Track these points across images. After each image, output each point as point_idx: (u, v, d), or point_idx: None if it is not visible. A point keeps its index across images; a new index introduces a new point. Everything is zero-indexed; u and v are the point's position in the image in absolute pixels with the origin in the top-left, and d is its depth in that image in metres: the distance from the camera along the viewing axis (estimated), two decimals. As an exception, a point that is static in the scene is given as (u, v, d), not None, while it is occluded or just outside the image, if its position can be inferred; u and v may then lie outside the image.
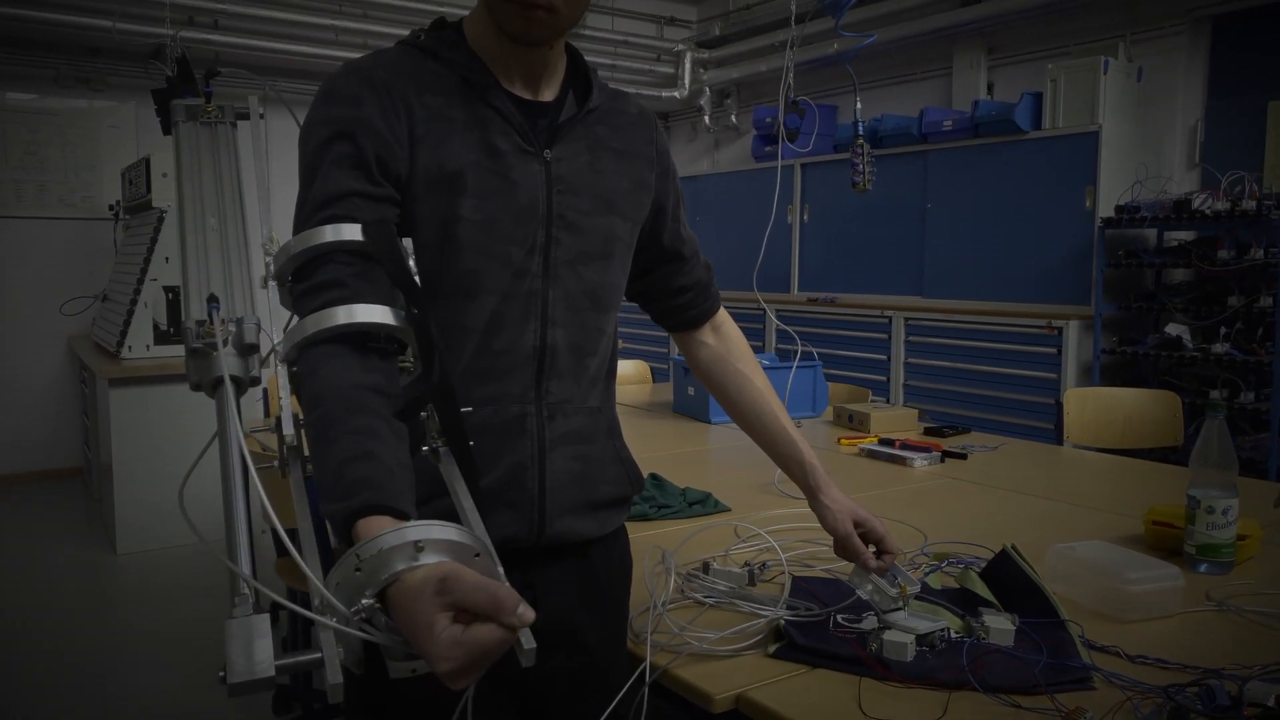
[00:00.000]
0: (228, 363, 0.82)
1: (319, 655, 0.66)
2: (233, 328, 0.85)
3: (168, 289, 4.32)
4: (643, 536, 1.70)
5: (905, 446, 2.38)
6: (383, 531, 0.71)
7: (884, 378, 5.03)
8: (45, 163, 5.46)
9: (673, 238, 1.27)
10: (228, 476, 0.80)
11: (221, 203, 0.97)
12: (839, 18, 2.17)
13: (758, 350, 5.17)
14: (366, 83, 1.01)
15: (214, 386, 0.84)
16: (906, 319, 4.94)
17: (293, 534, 0.75)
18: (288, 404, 0.90)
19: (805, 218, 5.70)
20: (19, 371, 5.50)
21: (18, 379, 5.50)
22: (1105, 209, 4.20)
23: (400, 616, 0.69)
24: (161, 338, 4.36)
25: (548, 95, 1.10)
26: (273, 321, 0.96)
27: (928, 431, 2.69)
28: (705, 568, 1.44)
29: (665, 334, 1.40)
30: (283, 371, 0.90)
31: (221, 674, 0.63)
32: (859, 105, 2.36)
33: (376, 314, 0.89)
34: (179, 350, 4.34)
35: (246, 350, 0.86)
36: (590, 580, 1.17)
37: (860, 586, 1.23)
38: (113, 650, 3.26)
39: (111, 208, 5.40)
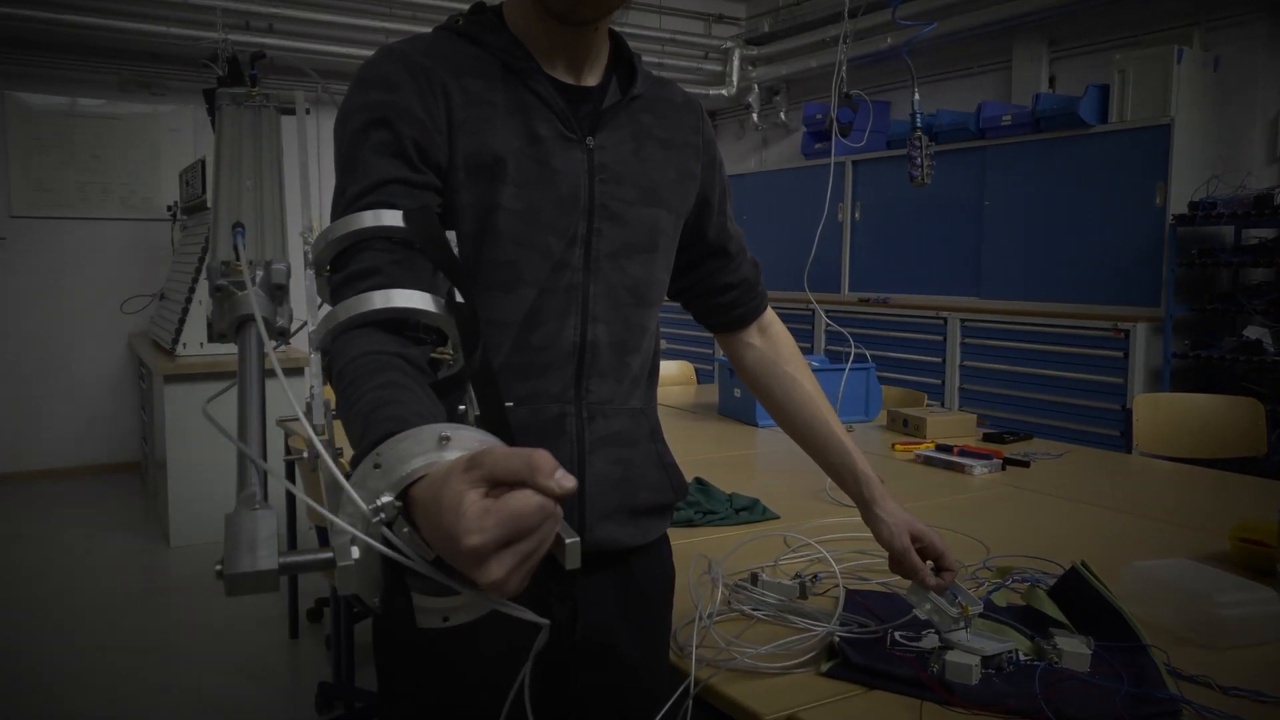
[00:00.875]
0: (256, 302, 0.73)
1: (329, 555, 0.56)
2: (260, 271, 0.79)
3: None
4: (687, 544, 1.65)
5: (964, 453, 2.29)
6: (405, 430, 0.62)
7: (938, 381, 4.90)
8: (109, 165, 5.57)
9: (718, 232, 1.21)
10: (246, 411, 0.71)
11: (260, 169, 0.93)
12: (896, 6, 2.09)
13: (807, 352, 5.09)
14: (404, 67, 0.97)
15: (238, 330, 0.74)
16: (962, 320, 4.81)
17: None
18: (319, 391, 0.86)
19: (856, 216, 5.59)
20: (81, 367, 5.62)
21: (80, 375, 5.62)
22: (1177, 205, 4.03)
23: (426, 514, 0.57)
24: (215, 335, 4.40)
25: (591, 80, 1.05)
26: (309, 308, 0.91)
27: (987, 438, 2.60)
28: (753, 579, 1.38)
29: (710, 333, 1.33)
30: (316, 358, 0.86)
31: (218, 567, 0.54)
32: (916, 97, 2.27)
33: (415, 300, 0.84)
34: (232, 348, 4.38)
35: (276, 293, 0.79)
36: (631, 591, 1.12)
37: (918, 605, 1.15)
38: (163, 641, 3.29)
39: (169, 208, 5.49)
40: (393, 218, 0.88)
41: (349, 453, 0.70)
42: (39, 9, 4.80)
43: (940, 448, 2.37)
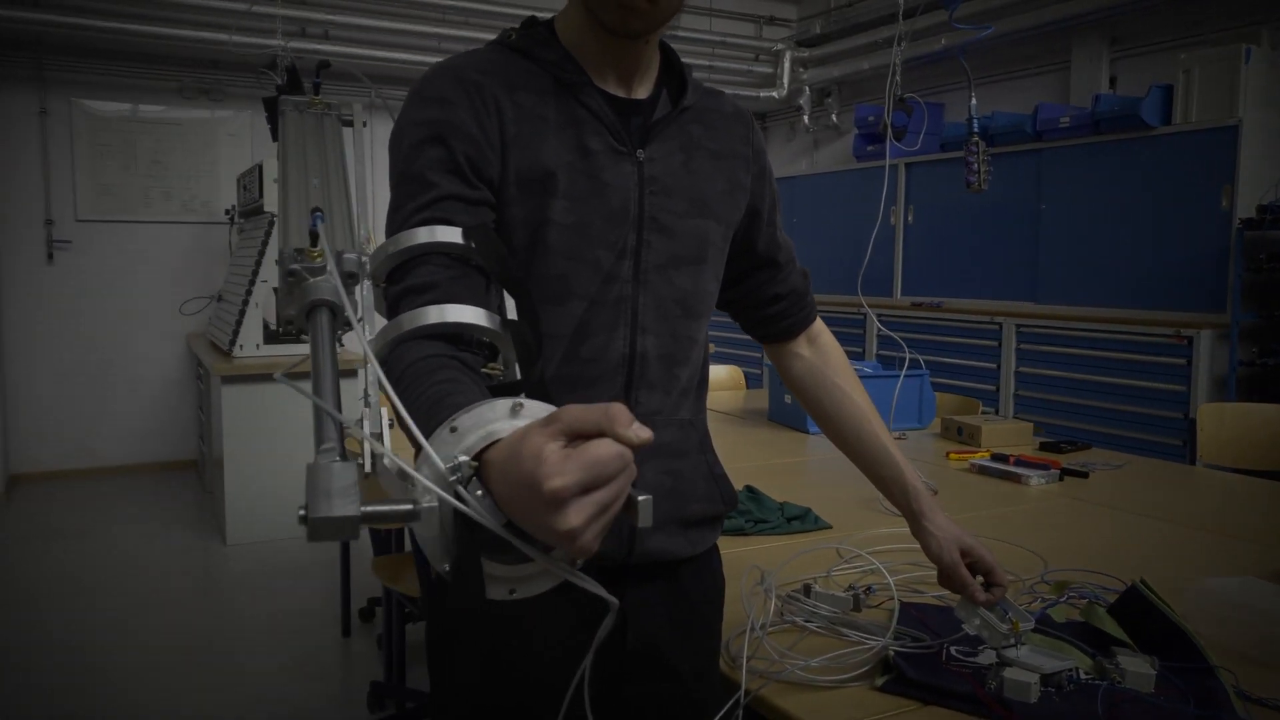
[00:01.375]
0: (329, 288, 0.72)
1: (409, 507, 0.57)
2: (332, 260, 0.77)
3: (277, 290, 4.44)
4: (739, 553, 1.64)
5: (1020, 463, 2.24)
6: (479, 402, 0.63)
7: (992, 387, 4.82)
8: (169, 170, 5.70)
9: (768, 243, 1.20)
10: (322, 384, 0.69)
11: (325, 169, 0.93)
12: (953, 9, 2.06)
13: (858, 358, 5.01)
14: (457, 83, 0.98)
15: (309, 315, 0.73)
16: (1018, 325, 4.72)
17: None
18: (376, 400, 0.87)
19: (909, 219, 5.52)
20: (142, 367, 5.76)
21: (140, 374, 5.76)
22: (1245, 209, 3.92)
23: (503, 471, 0.57)
24: (271, 337, 4.49)
25: (641, 93, 1.06)
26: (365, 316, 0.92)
27: (1044, 447, 2.54)
28: (806, 590, 1.36)
29: (747, 342, 1.32)
30: (373, 367, 0.87)
31: (301, 511, 0.54)
32: (974, 101, 2.23)
33: (468, 315, 0.84)
34: (287, 349, 4.47)
35: (347, 281, 0.78)
36: (681, 602, 1.11)
37: (967, 621, 1.13)
38: (218, 637, 3.35)
39: (227, 212, 5.61)
40: (451, 234, 0.89)
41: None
42: (107, 19, 4.94)
43: (996, 457, 2.33)
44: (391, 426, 0.81)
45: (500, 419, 0.61)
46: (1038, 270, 4.78)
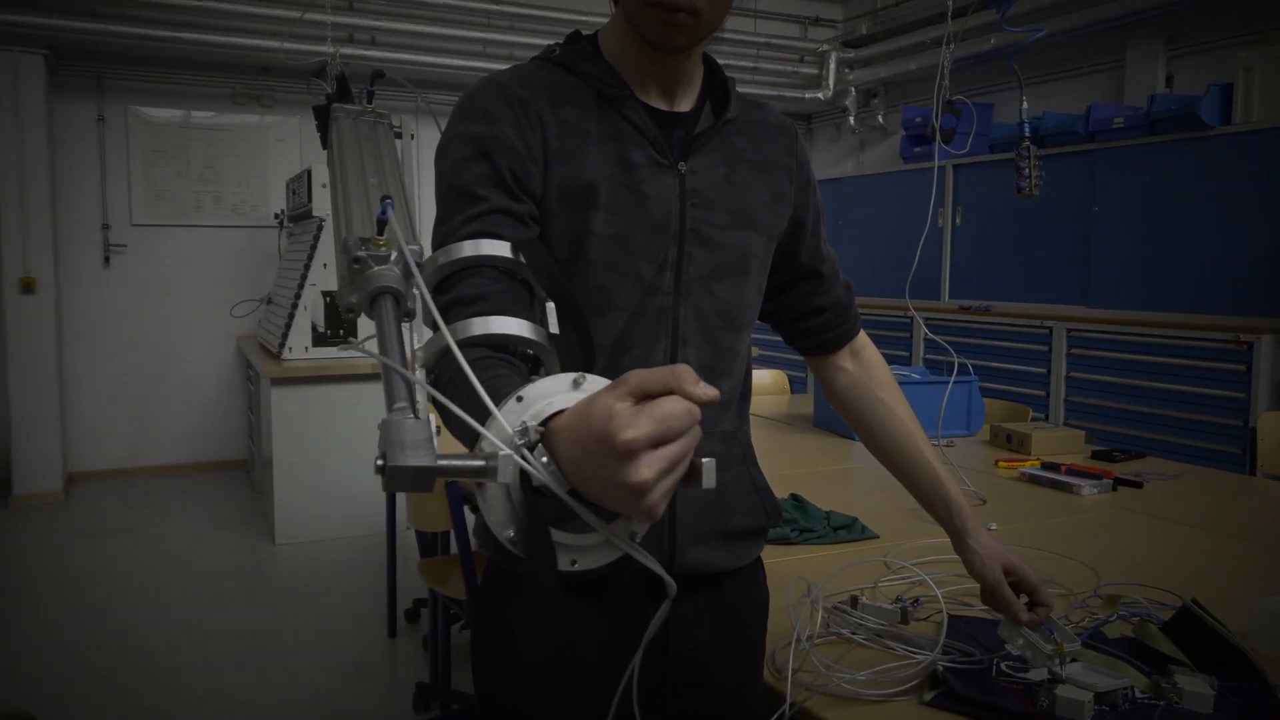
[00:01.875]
0: (393, 276, 0.72)
1: (482, 463, 0.58)
2: (395, 251, 0.77)
3: (325, 293, 4.51)
4: (784, 563, 1.62)
5: (1072, 472, 2.20)
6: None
7: (1042, 393, 4.74)
8: (220, 175, 5.81)
9: (811, 254, 1.20)
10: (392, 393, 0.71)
11: (381, 170, 0.94)
12: (1004, 10, 2.02)
13: (905, 363, 4.95)
14: (502, 98, 0.99)
15: (372, 302, 0.74)
16: (1069, 330, 4.63)
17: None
18: (424, 405, 0.87)
19: (957, 221, 5.44)
20: (193, 368, 5.88)
21: (192, 376, 5.88)
22: (1307, 211, 3.81)
23: (572, 433, 0.58)
24: (319, 340, 4.55)
25: (684, 106, 1.06)
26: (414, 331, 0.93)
27: (1096, 455, 2.49)
28: (853, 602, 1.35)
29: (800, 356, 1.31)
30: (421, 374, 0.88)
31: (379, 460, 0.55)
32: (1025, 105, 2.19)
33: (514, 326, 0.85)
34: (336, 352, 4.54)
35: (407, 272, 0.78)
36: (724, 615, 1.11)
37: (1011, 640, 1.11)
38: (266, 636, 3.41)
39: (276, 216, 5.71)
40: (500, 247, 0.90)
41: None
42: (162, 28, 5.06)
43: (1046, 465, 2.28)
44: (439, 433, 0.81)
45: (564, 390, 0.62)
46: (1090, 273, 4.69)
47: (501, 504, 0.59)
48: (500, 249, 0.90)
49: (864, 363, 1.27)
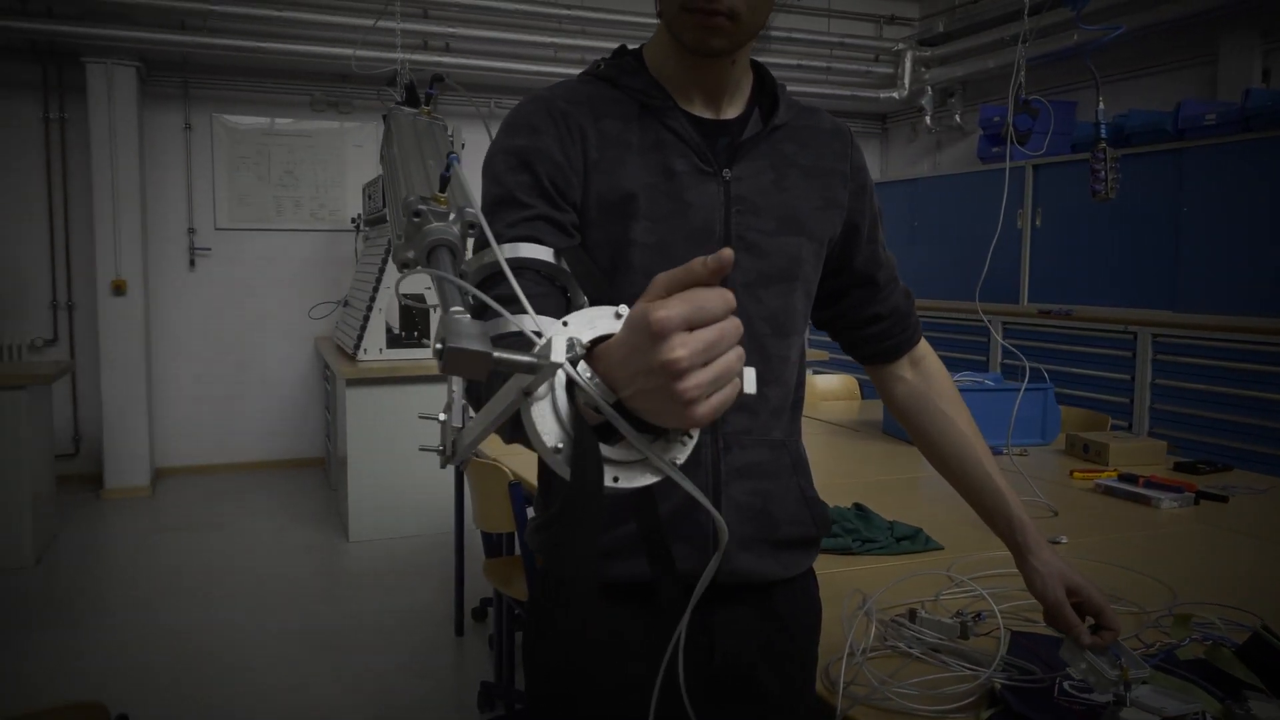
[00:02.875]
0: (451, 232, 0.74)
1: (534, 359, 0.60)
2: (454, 213, 0.79)
3: (402, 296, 4.60)
4: (844, 573, 1.59)
5: (1150, 484, 2.11)
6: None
7: (1126, 400, 4.57)
8: (300, 180, 5.98)
9: (867, 260, 1.17)
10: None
11: (439, 156, 0.96)
12: (1079, 8, 1.95)
13: (981, 368, 4.80)
14: (545, 113, 1.01)
15: (429, 255, 0.75)
16: (1155, 335, 4.46)
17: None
18: (458, 394, 0.89)
19: (1037, 222, 5.29)
20: (273, 369, 6.05)
21: (272, 375, 6.06)
22: None
23: (614, 345, 0.59)
24: (394, 341, 4.64)
25: (731, 113, 1.06)
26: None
27: (1178, 467, 2.39)
28: (912, 615, 1.31)
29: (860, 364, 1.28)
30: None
31: (438, 345, 0.57)
32: (1101, 106, 2.12)
33: (545, 324, 0.86)
34: (410, 354, 4.62)
35: (465, 229, 0.79)
36: (773, 626, 1.09)
37: (1073, 663, 1.06)
38: (338, 631, 3.48)
39: (353, 220, 5.84)
40: (544, 252, 0.91)
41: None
42: (246, 39, 5.23)
43: (1124, 477, 2.20)
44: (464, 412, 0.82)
45: (607, 318, 0.63)
46: (1177, 277, 4.50)
47: (549, 417, 0.60)
48: (543, 253, 0.92)
49: (925, 372, 1.23)
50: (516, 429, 0.67)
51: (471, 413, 0.82)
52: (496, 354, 0.59)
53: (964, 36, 6.28)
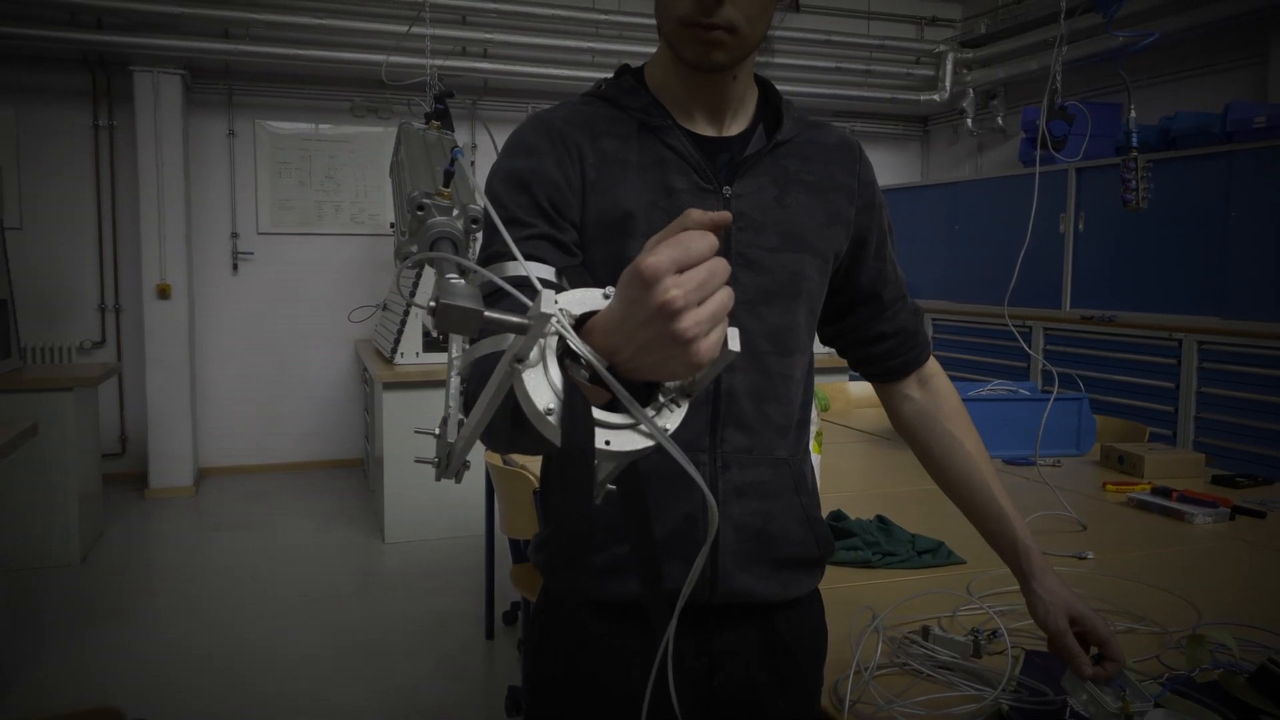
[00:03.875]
0: (454, 227, 0.76)
1: (526, 322, 0.60)
2: (457, 209, 0.79)
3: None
4: (861, 587, 1.58)
5: (1184, 498, 2.05)
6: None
7: (1170, 408, 4.46)
8: (341, 185, 6.06)
9: (873, 277, 1.15)
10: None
11: (445, 159, 0.97)
12: (1110, 16, 1.90)
13: (1021, 376, 4.70)
14: (544, 134, 1.01)
15: (431, 248, 0.76)
16: (1200, 343, 4.35)
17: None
18: (455, 407, 0.89)
19: (1080, 227, 5.18)
20: (314, 371, 6.14)
21: (312, 378, 6.14)
22: None
23: (607, 315, 0.62)
24: (430, 345, 4.68)
25: (734, 129, 1.05)
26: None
27: (1215, 480, 2.33)
28: (925, 633, 1.29)
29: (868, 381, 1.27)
30: (455, 382, 0.89)
31: (432, 303, 0.60)
32: (1133, 114, 2.08)
33: (546, 271, 0.90)
34: (446, 358, 4.65)
35: (469, 225, 0.80)
36: (776, 649, 1.07)
37: (1074, 694, 1.04)
38: (370, 631, 3.52)
39: (392, 225, 5.90)
40: (544, 270, 0.91)
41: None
42: (287, 46, 5.31)
43: (1158, 490, 2.14)
44: (459, 425, 0.82)
45: (596, 299, 0.66)
46: (1224, 283, 4.39)
47: (541, 383, 0.61)
48: (544, 272, 0.91)
49: (932, 391, 1.21)
50: (510, 429, 0.70)
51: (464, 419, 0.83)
52: (488, 313, 0.60)
53: (1006, 38, 6.19)
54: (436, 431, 0.82)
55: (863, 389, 3.94)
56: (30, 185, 5.47)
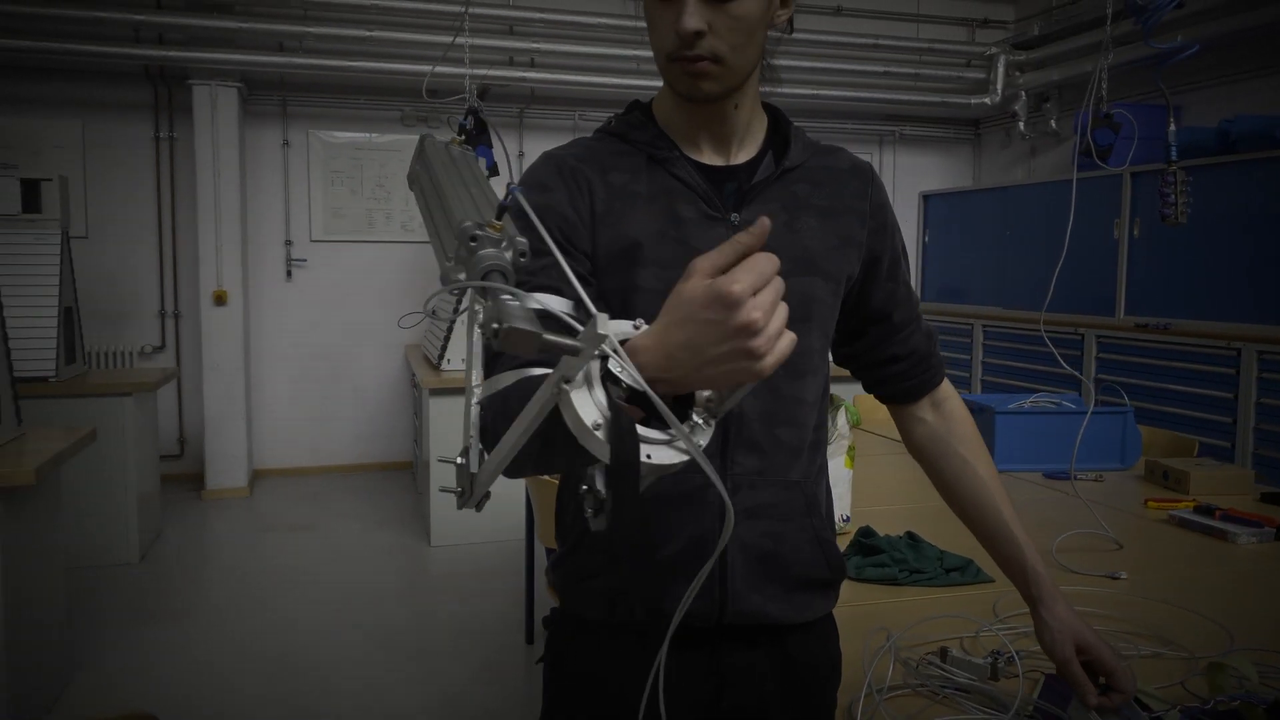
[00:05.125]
0: (504, 260, 0.77)
1: (580, 345, 0.66)
2: (505, 241, 0.80)
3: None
4: (884, 605, 1.57)
5: (1228, 517, 2.00)
6: None
7: (1228, 419, 4.34)
8: (391, 193, 6.17)
9: (885, 299, 1.16)
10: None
11: (479, 184, 0.98)
12: (1150, 25, 1.86)
13: (1073, 384, 4.59)
14: (556, 170, 1.05)
15: (483, 279, 0.78)
16: (1260, 353, 4.22)
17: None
18: (476, 437, 0.91)
19: (1135, 232, 5.07)
20: (365, 375, 6.26)
21: (364, 382, 6.26)
22: None
23: (667, 336, 0.69)
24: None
25: (741, 158, 1.07)
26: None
27: (1264, 498, 2.26)
28: (943, 654, 1.29)
29: (956, 360, 1.28)
30: (475, 411, 0.91)
31: (495, 325, 0.65)
32: (1172, 127, 2.03)
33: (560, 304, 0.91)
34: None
35: (518, 258, 0.80)
36: (787, 672, 1.08)
37: None
38: (414, 634, 3.58)
39: (439, 233, 5.99)
40: (563, 305, 0.93)
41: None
42: (339, 58, 5.43)
43: (1201, 508, 2.09)
44: (481, 457, 0.85)
45: (627, 329, 0.73)
46: (1286, 290, 4.26)
47: (587, 402, 0.67)
48: (563, 305, 0.93)
49: (945, 415, 1.21)
50: (541, 448, 0.74)
51: (486, 455, 0.85)
52: (546, 335, 0.66)
53: (1060, 39, 6.07)
54: (459, 460, 0.85)
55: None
56: (96, 196, 5.67)
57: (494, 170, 3.97)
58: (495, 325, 0.65)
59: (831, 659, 1.14)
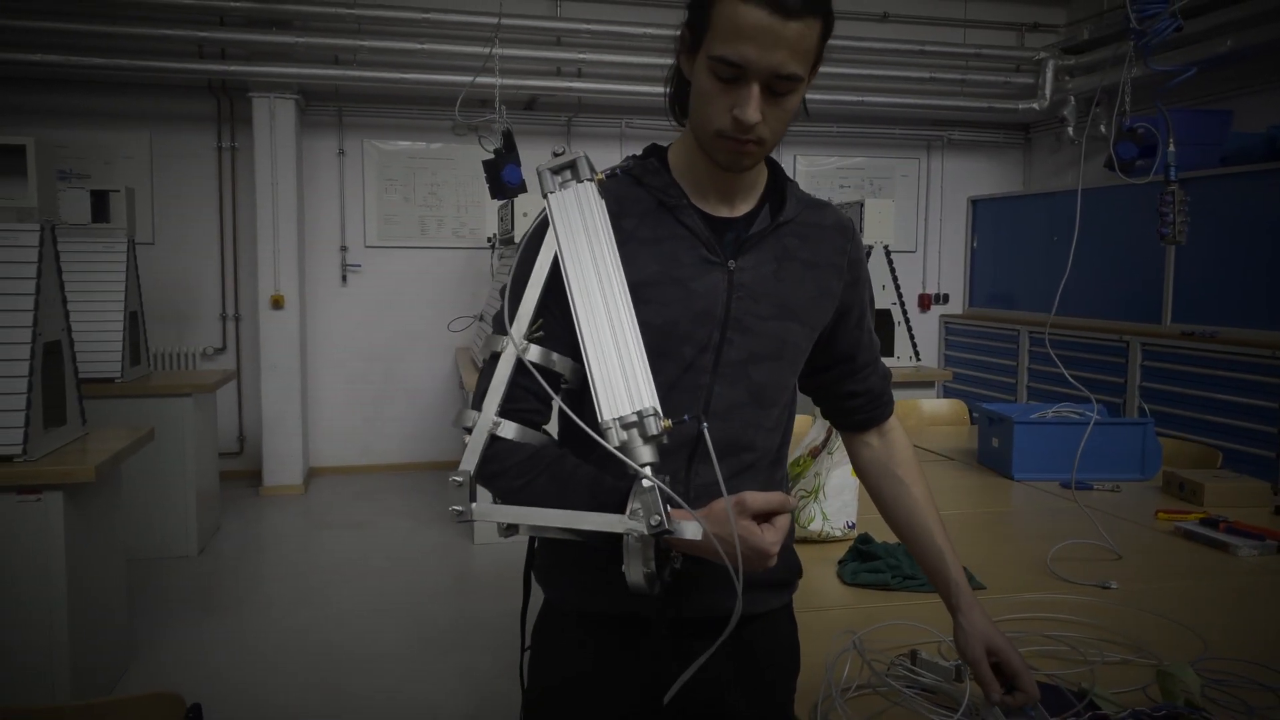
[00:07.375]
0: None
1: (670, 529, 0.97)
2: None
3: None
4: (885, 608, 1.63)
5: (1232, 529, 2.02)
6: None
7: (1275, 429, 4.27)
8: (443, 201, 6.34)
9: (849, 343, 1.29)
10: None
11: (596, 259, 1.08)
12: (1148, 49, 1.88)
13: (1118, 390, 4.56)
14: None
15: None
16: (1308, 361, 4.15)
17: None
18: (476, 467, 1.07)
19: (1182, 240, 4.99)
20: (417, 377, 6.44)
21: (415, 384, 6.45)
22: None
23: (704, 533, 0.98)
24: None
25: (743, 209, 1.17)
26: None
27: (1279, 511, 2.26)
28: (913, 656, 1.35)
29: (1001, 367, 1.41)
30: (482, 439, 1.09)
31: (654, 520, 0.97)
32: (1171, 148, 2.05)
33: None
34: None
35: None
36: (745, 659, 1.18)
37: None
38: (453, 632, 3.71)
39: (489, 239, 6.15)
40: (563, 365, 1.11)
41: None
42: (392, 70, 5.61)
43: (1207, 521, 2.10)
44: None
45: (696, 530, 1.00)
46: (1335, 299, 4.18)
47: (642, 552, 0.98)
48: (563, 366, 1.10)
49: (889, 442, 1.35)
50: (575, 531, 1.02)
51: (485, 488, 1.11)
52: (670, 537, 0.98)
53: (1111, 43, 6.00)
54: (458, 480, 1.04)
55: (937, 406, 3.92)
56: (161, 203, 5.94)
57: (522, 187, 4.06)
58: (654, 520, 0.95)
59: (786, 646, 1.24)
